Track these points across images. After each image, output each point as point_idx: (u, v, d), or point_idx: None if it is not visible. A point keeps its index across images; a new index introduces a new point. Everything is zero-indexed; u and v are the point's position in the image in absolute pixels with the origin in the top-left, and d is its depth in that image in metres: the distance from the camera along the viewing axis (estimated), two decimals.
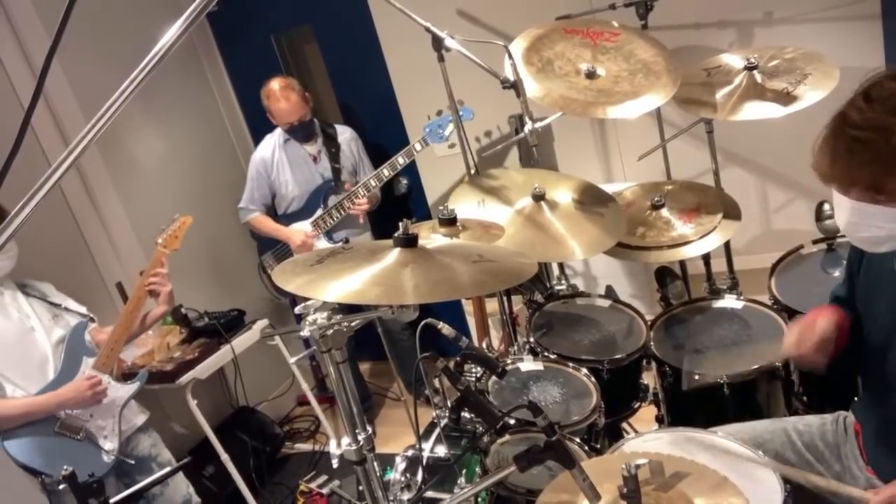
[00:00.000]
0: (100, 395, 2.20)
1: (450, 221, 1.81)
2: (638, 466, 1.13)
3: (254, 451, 3.24)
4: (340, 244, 3.27)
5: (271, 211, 3.39)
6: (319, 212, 3.26)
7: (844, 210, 1.22)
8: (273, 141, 3.30)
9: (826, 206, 2.17)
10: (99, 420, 2.23)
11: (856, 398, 1.56)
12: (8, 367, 2.14)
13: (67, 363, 2.22)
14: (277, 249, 3.39)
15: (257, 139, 3.97)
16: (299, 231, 3.25)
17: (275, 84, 3.14)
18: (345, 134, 3.34)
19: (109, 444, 2.22)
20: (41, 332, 2.22)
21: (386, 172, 3.11)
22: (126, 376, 2.43)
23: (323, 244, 3.28)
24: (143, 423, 2.44)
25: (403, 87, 3.42)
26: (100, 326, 2.45)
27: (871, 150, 1.11)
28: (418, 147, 3.04)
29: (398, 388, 3.78)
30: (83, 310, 2.41)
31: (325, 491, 2.75)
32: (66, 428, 2.17)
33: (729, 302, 2.15)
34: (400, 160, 3.07)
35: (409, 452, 1.79)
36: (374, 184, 3.14)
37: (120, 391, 2.29)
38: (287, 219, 3.33)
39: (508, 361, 2.04)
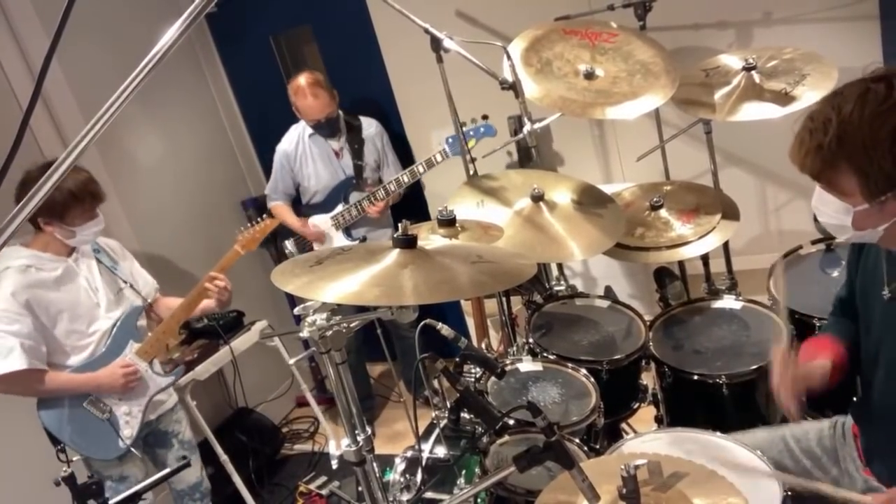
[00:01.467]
0: (132, 384, 2.25)
1: (449, 222, 1.81)
2: (637, 467, 1.14)
3: (253, 452, 3.24)
4: (358, 241, 3.28)
5: (296, 200, 3.41)
6: (340, 208, 3.26)
7: (814, 194, 1.28)
8: (297, 133, 3.29)
9: None
10: (125, 406, 2.28)
11: (854, 399, 1.57)
12: (73, 339, 2.21)
13: (114, 344, 2.28)
14: (299, 237, 3.40)
15: (256, 139, 3.98)
16: (318, 222, 3.27)
17: (302, 80, 3.10)
18: (370, 128, 3.31)
19: (128, 431, 2.26)
20: (104, 309, 2.28)
21: (406, 179, 3.11)
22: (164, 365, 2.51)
23: (341, 240, 3.28)
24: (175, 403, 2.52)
25: (402, 88, 3.43)
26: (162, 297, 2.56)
27: (814, 141, 1.18)
28: (439, 158, 3.01)
29: (399, 388, 3.78)
30: (148, 283, 2.47)
31: (324, 492, 2.75)
32: (94, 405, 2.23)
33: (728, 302, 2.15)
34: (420, 169, 3.06)
35: (409, 453, 1.79)
36: (393, 188, 3.14)
37: (154, 382, 2.34)
38: (311, 209, 3.34)
39: (507, 362, 2.04)
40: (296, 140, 3.28)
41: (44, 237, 2.20)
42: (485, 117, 2.92)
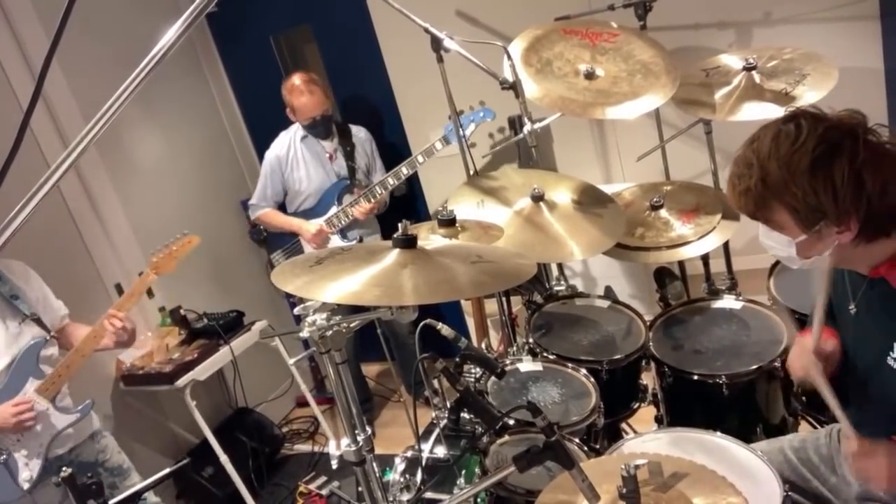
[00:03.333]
0: (24, 423, 2.05)
1: (449, 222, 1.81)
2: (637, 467, 1.14)
3: (253, 453, 3.24)
4: (355, 242, 3.26)
5: (282, 209, 3.38)
6: (334, 209, 3.24)
7: (759, 231, 1.34)
8: (289, 137, 3.28)
9: None
10: (24, 448, 2.11)
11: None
12: None
13: (11, 384, 2.10)
14: (288, 247, 3.38)
15: (256, 140, 3.98)
16: (314, 222, 3.24)
17: (297, 78, 3.12)
18: (359, 134, 3.32)
19: (26, 473, 2.10)
20: (3, 345, 2.10)
21: (405, 170, 3.09)
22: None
23: (337, 242, 3.26)
24: (93, 432, 2.31)
25: (402, 87, 3.43)
26: (77, 324, 2.33)
27: (742, 185, 1.25)
28: (439, 146, 3.01)
29: (399, 390, 3.78)
30: (54, 310, 2.28)
31: (324, 492, 2.75)
32: None
33: (728, 302, 2.15)
34: (419, 158, 3.05)
35: (409, 453, 1.78)
36: (392, 182, 3.12)
37: (57, 420, 2.17)
38: (300, 215, 3.32)
39: (507, 362, 2.04)
40: (287, 144, 3.27)
41: None
42: (481, 103, 2.92)
